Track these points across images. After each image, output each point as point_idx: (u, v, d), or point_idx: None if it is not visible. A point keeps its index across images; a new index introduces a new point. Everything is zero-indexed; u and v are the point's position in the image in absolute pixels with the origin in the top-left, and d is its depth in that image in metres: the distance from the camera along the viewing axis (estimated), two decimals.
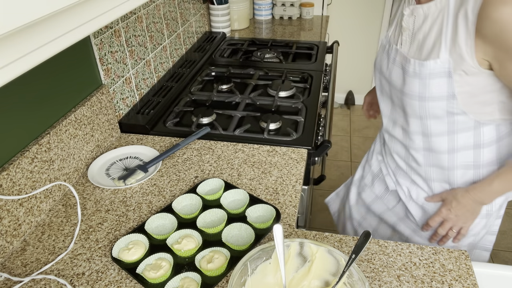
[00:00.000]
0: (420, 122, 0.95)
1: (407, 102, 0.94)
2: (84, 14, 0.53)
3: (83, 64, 1.12)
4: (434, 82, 0.86)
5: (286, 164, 1.12)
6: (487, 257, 1.15)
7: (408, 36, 0.92)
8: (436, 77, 0.85)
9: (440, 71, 0.84)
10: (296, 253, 0.75)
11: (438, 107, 0.89)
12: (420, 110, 0.92)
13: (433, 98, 0.88)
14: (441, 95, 0.87)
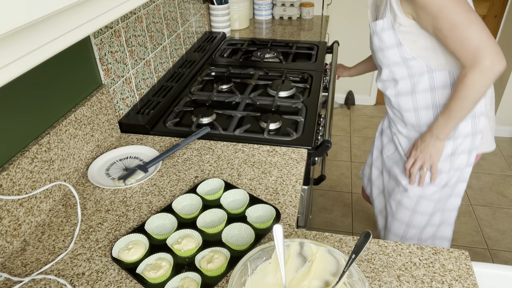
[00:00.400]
0: (388, 70, 1.21)
1: (377, 56, 1.21)
2: (84, 14, 0.53)
3: (83, 64, 1.12)
4: (385, 35, 1.13)
5: (286, 164, 1.12)
6: (459, 203, 1.35)
7: (374, 9, 1.22)
8: (385, 31, 1.13)
9: (387, 26, 1.12)
10: (296, 253, 0.75)
11: (394, 54, 1.15)
12: (383, 59, 1.19)
13: (388, 47, 1.15)
14: (392, 44, 1.14)
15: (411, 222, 1.38)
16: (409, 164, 1.25)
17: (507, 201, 2.40)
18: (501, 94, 2.87)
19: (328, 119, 1.41)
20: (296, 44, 1.99)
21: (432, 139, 1.17)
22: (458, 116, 1.09)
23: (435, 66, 1.12)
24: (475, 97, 1.04)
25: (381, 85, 1.29)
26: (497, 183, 2.55)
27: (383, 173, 1.49)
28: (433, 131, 1.16)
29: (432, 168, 1.22)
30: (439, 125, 1.14)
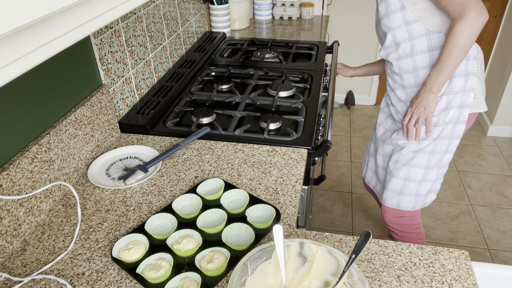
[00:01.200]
0: (391, 34, 1.33)
1: (382, 24, 1.34)
2: (84, 14, 0.53)
3: (83, 64, 1.12)
4: (397, 16, 1.28)
5: (286, 164, 1.12)
6: (451, 158, 1.48)
7: None
8: (394, 13, 1.27)
9: (397, 7, 1.25)
10: (296, 253, 0.75)
11: (397, 18, 1.28)
12: (388, 23, 1.31)
13: (393, 11, 1.28)
14: (396, 8, 1.27)
15: (408, 176, 1.49)
16: (406, 120, 1.37)
17: (507, 201, 2.40)
18: (501, 94, 2.87)
19: (328, 119, 1.41)
20: (296, 44, 1.99)
21: (425, 93, 1.29)
22: (448, 66, 1.22)
23: (432, 28, 1.26)
24: (462, 45, 1.17)
25: (384, 52, 1.41)
26: (497, 183, 2.55)
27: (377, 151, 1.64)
28: (426, 84, 1.29)
29: (426, 121, 1.34)
30: (431, 78, 1.26)
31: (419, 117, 1.32)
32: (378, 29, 1.41)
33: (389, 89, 1.51)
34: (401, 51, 1.34)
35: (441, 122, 1.38)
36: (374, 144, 1.67)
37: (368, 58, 3.26)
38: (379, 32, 1.41)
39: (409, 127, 1.37)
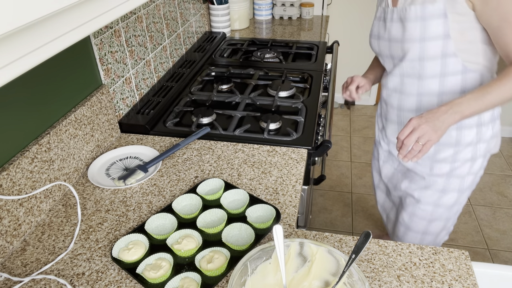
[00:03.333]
0: (418, 64, 1.09)
1: (408, 47, 1.07)
2: (84, 14, 0.53)
3: (83, 64, 1.12)
4: (433, 23, 1.01)
5: (286, 164, 1.12)
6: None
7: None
8: (435, 18, 1.00)
9: (438, 12, 0.99)
10: (296, 253, 0.75)
11: (435, 46, 1.03)
12: (420, 52, 1.06)
13: (431, 38, 1.03)
14: (438, 35, 1.02)
15: (427, 230, 1.34)
16: (405, 133, 0.98)
17: (507, 201, 2.40)
18: None
19: (328, 119, 1.41)
20: (296, 44, 1.99)
21: (447, 112, 0.97)
22: (489, 103, 0.97)
23: (471, 66, 1.06)
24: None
25: (396, 81, 1.18)
26: (497, 183, 2.55)
27: (385, 191, 1.50)
28: (454, 106, 0.97)
29: (427, 144, 0.98)
30: (463, 101, 0.97)
31: (423, 135, 0.96)
32: (392, 48, 1.14)
33: (387, 121, 1.30)
34: (425, 86, 1.12)
35: (466, 173, 1.20)
36: (379, 176, 1.50)
37: (368, 58, 3.26)
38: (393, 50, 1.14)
39: (407, 143, 0.98)
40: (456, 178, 1.22)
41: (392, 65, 1.19)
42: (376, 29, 1.18)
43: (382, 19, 1.14)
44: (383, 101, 1.30)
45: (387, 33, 1.13)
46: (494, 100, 0.97)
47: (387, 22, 1.12)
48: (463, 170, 1.20)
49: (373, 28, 1.21)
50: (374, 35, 1.20)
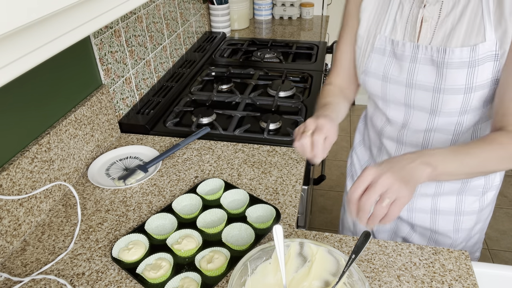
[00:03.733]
0: (457, 118, 0.85)
1: (447, 99, 0.82)
2: (84, 14, 0.53)
3: (83, 64, 1.12)
4: (484, 69, 0.78)
5: (286, 164, 1.12)
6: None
7: (430, 27, 0.82)
8: (485, 61, 0.77)
9: (488, 55, 0.77)
10: (296, 253, 0.75)
11: (481, 97, 0.81)
12: (463, 105, 0.82)
13: (481, 86, 0.79)
14: (487, 82, 0.79)
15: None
16: (358, 191, 0.65)
17: (507, 201, 2.40)
18: None
19: None
20: (296, 44, 1.99)
21: (414, 160, 0.68)
22: (467, 167, 0.73)
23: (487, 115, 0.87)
24: (503, 167, 0.77)
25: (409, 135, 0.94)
26: None
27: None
28: (422, 153, 0.71)
29: (394, 207, 0.64)
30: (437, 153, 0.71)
31: (388, 191, 0.64)
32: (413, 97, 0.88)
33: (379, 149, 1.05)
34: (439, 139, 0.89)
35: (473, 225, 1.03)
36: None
37: None
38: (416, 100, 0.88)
39: (364, 206, 0.64)
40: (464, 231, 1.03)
41: (406, 116, 0.92)
42: (378, 66, 0.90)
43: (392, 54, 0.88)
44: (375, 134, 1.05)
45: (407, 76, 0.86)
46: (475, 165, 0.73)
47: (405, 62, 0.86)
48: (470, 222, 1.02)
49: (368, 63, 0.91)
50: (374, 73, 0.91)
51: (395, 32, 0.87)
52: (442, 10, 0.81)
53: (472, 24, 0.77)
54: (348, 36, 0.98)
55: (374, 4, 0.91)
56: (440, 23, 0.81)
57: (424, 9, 0.82)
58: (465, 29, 0.78)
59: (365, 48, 0.92)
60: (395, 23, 0.87)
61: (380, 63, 0.90)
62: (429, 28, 0.83)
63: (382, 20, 0.90)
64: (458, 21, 0.79)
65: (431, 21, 0.82)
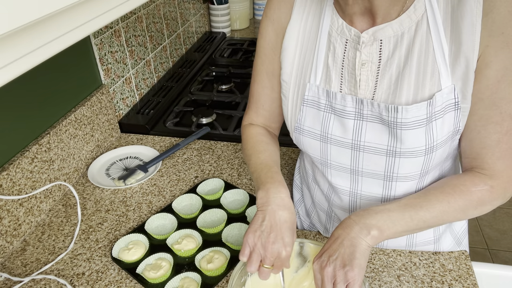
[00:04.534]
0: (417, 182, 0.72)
1: (404, 163, 0.68)
2: (84, 14, 0.53)
3: (83, 64, 1.12)
4: (442, 122, 0.64)
5: (286, 164, 1.12)
6: None
7: (371, 72, 0.66)
8: (445, 113, 0.64)
9: (447, 104, 0.63)
10: (296, 253, 0.75)
11: (442, 155, 0.68)
12: (423, 167, 0.68)
13: (441, 143, 0.66)
14: (449, 136, 0.66)
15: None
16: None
17: (507, 201, 2.40)
18: None
19: None
20: None
21: (354, 228, 0.64)
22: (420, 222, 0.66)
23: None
24: (468, 216, 0.69)
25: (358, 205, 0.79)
26: None
27: None
28: (362, 215, 0.65)
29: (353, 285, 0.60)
30: (387, 217, 0.64)
31: (336, 284, 0.61)
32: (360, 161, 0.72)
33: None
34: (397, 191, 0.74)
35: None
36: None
37: None
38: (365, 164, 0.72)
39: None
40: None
41: (353, 184, 0.76)
42: (313, 121, 0.73)
43: (329, 109, 0.71)
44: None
45: (352, 136, 0.70)
46: (429, 218, 0.66)
47: (348, 119, 0.69)
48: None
49: (301, 119, 0.74)
50: (309, 132, 0.74)
51: (329, 81, 0.70)
52: (383, 50, 0.65)
53: (424, 69, 0.63)
54: (264, 73, 0.81)
55: (296, 44, 0.74)
56: (383, 68, 0.66)
57: (361, 50, 0.66)
58: (415, 76, 0.63)
59: (294, 99, 0.75)
60: (328, 69, 0.70)
61: (315, 119, 0.73)
62: (369, 75, 0.66)
63: (309, 64, 0.72)
64: (404, 65, 0.64)
65: (371, 65, 0.66)
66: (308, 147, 0.76)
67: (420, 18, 0.62)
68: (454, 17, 0.60)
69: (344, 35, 0.68)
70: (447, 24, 0.61)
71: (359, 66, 0.67)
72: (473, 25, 0.58)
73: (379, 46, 0.65)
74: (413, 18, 0.62)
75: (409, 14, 0.62)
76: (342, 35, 0.68)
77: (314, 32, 0.71)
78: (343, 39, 0.68)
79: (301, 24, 0.72)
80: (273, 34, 0.76)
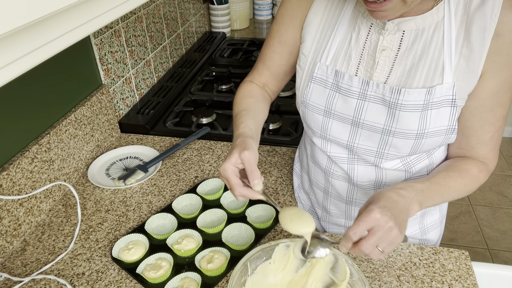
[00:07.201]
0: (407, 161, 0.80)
1: (397, 142, 0.75)
2: (84, 14, 0.53)
3: (83, 64, 1.12)
4: (437, 114, 0.71)
5: (286, 164, 1.12)
6: None
7: (389, 58, 0.72)
8: (440, 106, 0.70)
9: (445, 99, 0.70)
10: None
11: (432, 144, 0.75)
12: (412, 149, 0.75)
13: (433, 133, 0.73)
14: (441, 129, 0.72)
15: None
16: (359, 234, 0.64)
17: (507, 201, 2.40)
18: None
19: None
20: None
21: (413, 201, 0.70)
22: (445, 200, 0.78)
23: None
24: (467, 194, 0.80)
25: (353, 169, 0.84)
26: (497, 183, 2.55)
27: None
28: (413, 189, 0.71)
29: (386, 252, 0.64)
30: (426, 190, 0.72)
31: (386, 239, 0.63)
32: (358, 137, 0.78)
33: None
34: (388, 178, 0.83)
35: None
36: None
37: None
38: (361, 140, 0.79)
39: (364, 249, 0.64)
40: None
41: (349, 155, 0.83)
42: (318, 97, 0.79)
43: (335, 88, 0.77)
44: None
45: (354, 113, 0.76)
46: (450, 197, 0.77)
47: (352, 98, 0.76)
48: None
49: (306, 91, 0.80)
50: (313, 106, 0.80)
51: (348, 59, 0.76)
52: (403, 41, 0.71)
53: (435, 64, 0.70)
54: (276, 40, 0.86)
55: (320, 21, 0.78)
56: (401, 56, 0.71)
57: (384, 36, 0.71)
58: (428, 69, 0.70)
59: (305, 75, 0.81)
60: (350, 48, 0.75)
61: (321, 96, 0.79)
62: (387, 60, 0.72)
63: (324, 43, 0.78)
64: (420, 58, 0.70)
65: (390, 52, 0.72)
66: (311, 120, 0.82)
67: (441, 19, 0.69)
68: (468, 26, 0.68)
69: (370, 19, 0.73)
70: (461, 31, 0.69)
71: (379, 50, 0.72)
72: (484, 39, 0.67)
73: (401, 35, 0.71)
74: (434, 18, 0.69)
75: (432, 14, 0.69)
76: (368, 18, 0.73)
77: (337, 15, 0.77)
78: (369, 23, 0.73)
79: (328, 2, 0.78)
80: (296, 4, 0.81)
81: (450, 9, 0.68)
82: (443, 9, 0.68)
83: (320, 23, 0.79)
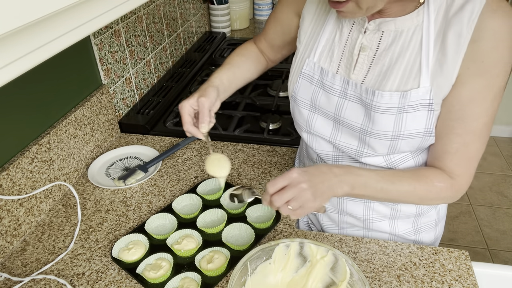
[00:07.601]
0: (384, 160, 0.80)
1: (373, 142, 0.76)
2: (84, 14, 0.53)
3: (83, 64, 1.12)
4: (413, 117, 0.71)
5: (286, 164, 1.12)
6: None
7: (368, 57, 0.73)
8: (417, 109, 0.70)
9: (421, 102, 0.70)
10: (296, 253, 0.75)
11: (410, 145, 0.75)
12: (389, 150, 0.76)
13: (409, 135, 0.73)
14: (418, 132, 0.72)
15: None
16: (276, 187, 0.69)
17: (507, 201, 2.40)
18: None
19: None
20: None
21: (337, 176, 0.71)
22: (385, 195, 0.75)
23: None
24: (427, 202, 0.80)
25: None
26: (497, 183, 2.55)
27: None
28: (348, 171, 0.73)
29: (296, 213, 0.70)
30: (363, 174, 0.73)
31: (297, 199, 0.68)
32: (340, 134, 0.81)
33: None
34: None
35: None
36: None
37: None
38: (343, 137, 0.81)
39: (275, 202, 0.69)
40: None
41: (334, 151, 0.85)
42: (305, 92, 0.82)
43: (320, 84, 0.79)
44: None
45: (335, 111, 0.79)
46: (394, 195, 0.75)
47: (333, 95, 0.78)
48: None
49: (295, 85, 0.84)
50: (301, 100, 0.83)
51: (331, 55, 0.78)
52: (382, 41, 0.72)
53: (411, 67, 0.70)
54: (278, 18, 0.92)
55: (312, 18, 0.81)
56: (378, 57, 0.72)
57: (364, 35, 0.73)
58: (403, 71, 0.70)
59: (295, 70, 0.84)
60: (333, 45, 0.78)
61: (307, 91, 0.82)
62: (365, 60, 0.74)
63: (313, 40, 0.81)
64: (396, 60, 0.71)
65: (369, 52, 0.73)
66: (298, 115, 0.85)
67: (420, 23, 0.69)
68: (445, 31, 0.67)
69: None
70: (440, 35, 0.68)
71: (357, 48, 0.74)
72: (459, 45, 0.66)
73: (380, 36, 0.72)
74: (414, 21, 0.69)
75: (412, 17, 0.69)
76: None
77: (327, 12, 0.79)
78: (351, 21, 0.75)
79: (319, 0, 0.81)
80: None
81: (430, 13, 0.68)
82: (423, 13, 0.69)
83: (312, 20, 0.82)
